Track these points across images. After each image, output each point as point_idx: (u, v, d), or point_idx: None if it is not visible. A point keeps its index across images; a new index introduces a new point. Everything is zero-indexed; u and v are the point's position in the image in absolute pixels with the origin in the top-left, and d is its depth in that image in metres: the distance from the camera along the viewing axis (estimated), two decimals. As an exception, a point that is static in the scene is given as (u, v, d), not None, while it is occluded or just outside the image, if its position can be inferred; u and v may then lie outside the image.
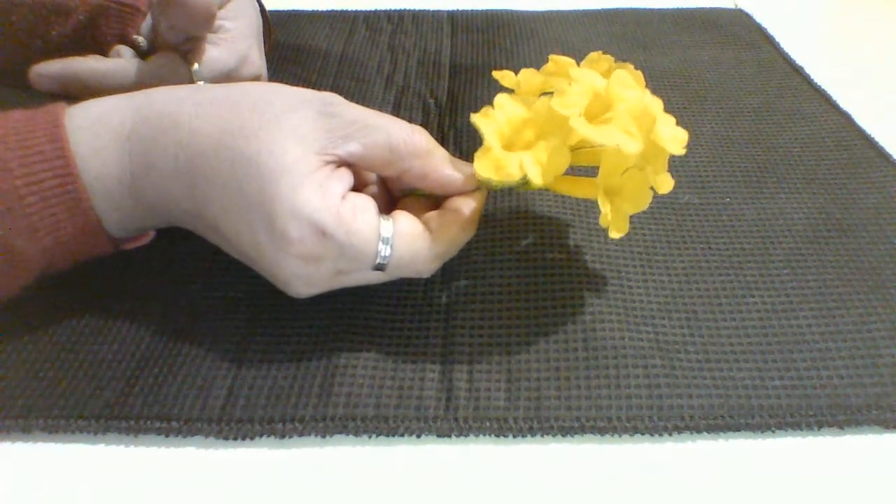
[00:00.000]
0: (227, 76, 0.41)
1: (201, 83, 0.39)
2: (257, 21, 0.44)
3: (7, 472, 0.26)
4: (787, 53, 0.53)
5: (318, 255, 0.26)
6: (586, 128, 0.27)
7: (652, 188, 0.29)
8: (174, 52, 0.39)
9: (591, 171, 0.31)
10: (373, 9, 0.60)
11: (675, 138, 0.29)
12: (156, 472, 0.26)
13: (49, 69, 0.39)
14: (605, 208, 0.28)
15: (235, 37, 0.41)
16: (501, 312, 0.32)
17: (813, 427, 0.27)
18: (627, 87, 0.29)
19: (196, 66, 0.39)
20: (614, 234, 0.28)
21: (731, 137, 0.44)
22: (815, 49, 0.55)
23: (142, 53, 0.42)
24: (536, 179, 0.27)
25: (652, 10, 0.60)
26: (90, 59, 0.40)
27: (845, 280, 0.33)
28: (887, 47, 0.56)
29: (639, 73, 0.30)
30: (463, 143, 0.43)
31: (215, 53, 0.40)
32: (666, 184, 0.30)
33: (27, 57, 0.42)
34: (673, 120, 0.30)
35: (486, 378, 0.29)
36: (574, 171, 0.30)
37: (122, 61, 0.40)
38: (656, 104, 0.29)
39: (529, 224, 0.36)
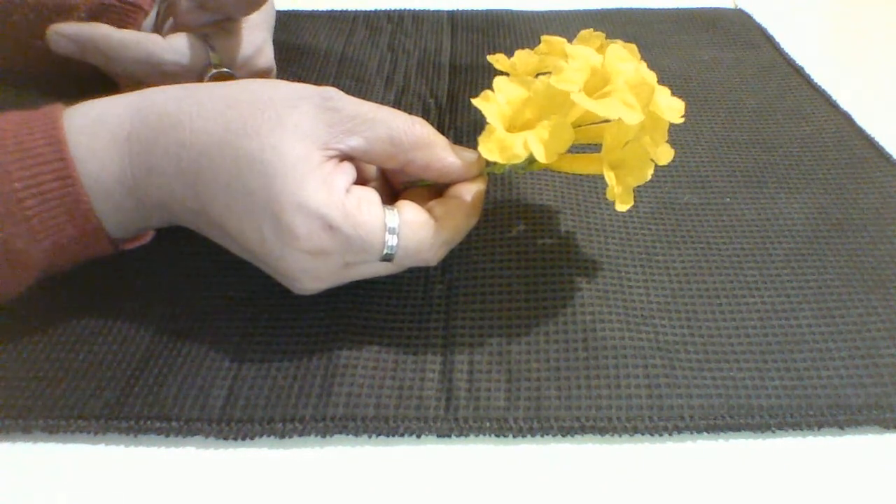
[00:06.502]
0: (243, 65, 0.41)
1: (214, 70, 0.40)
2: (273, 14, 0.45)
3: (7, 472, 0.26)
4: (787, 53, 0.53)
5: (325, 249, 0.27)
6: (588, 102, 0.27)
7: (653, 160, 0.30)
8: (193, 35, 0.39)
9: (588, 150, 0.31)
10: (373, 9, 0.60)
11: (672, 108, 0.30)
12: (156, 472, 0.26)
13: (67, 29, 0.39)
14: (611, 181, 0.28)
15: (251, 27, 0.42)
16: (501, 313, 0.32)
17: (813, 427, 0.27)
18: (623, 60, 0.29)
19: (212, 51, 0.39)
20: (621, 207, 0.29)
21: (731, 137, 0.44)
22: (815, 49, 0.55)
23: None
24: (541, 157, 0.28)
25: (652, 10, 0.60)
26: (108, 27, 0.39)
27: (845, 280, 0.33)
28: (887, 47, 0.56)
29: (632, 45, 0.30)
30: (463, 142, 0.43)
31: (233, 41, 0.40)
32: (666, 155, 0.30)
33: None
34: (668, 91, 0.30)
35: (486, 378, 0.29)
36: (572, 149, 0.30)
37: (140, 34, 0.39)
38: (651, 76, 0.29)
39: (529, 224, 0.36)
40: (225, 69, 0.40)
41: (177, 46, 0.39)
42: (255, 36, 0.42)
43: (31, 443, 0.27)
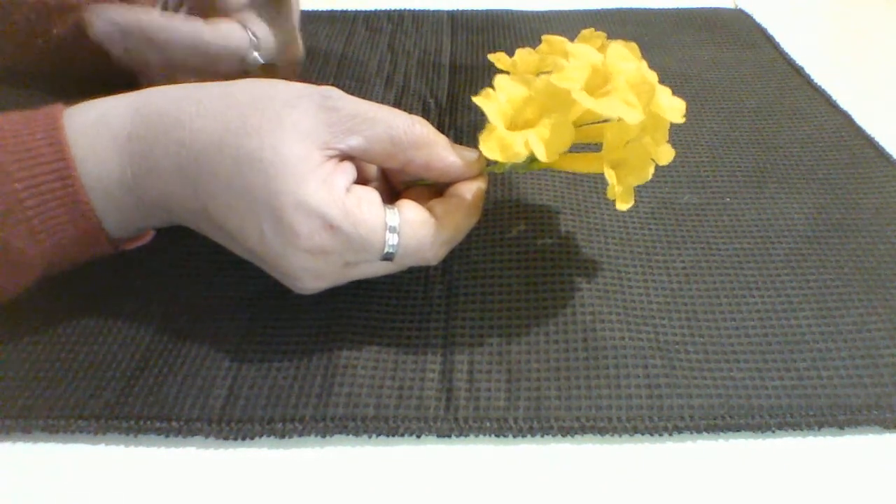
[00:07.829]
0: (280, 52, 0.41)
1: (255, 54, 0.39)
2: (299, 8, 0.45)
3: (7, 472, 0.26)
4: (787, 53, 0.53)
5: (326, 249, 0.27)
6: (589, 100, 0.27)
7: (654, 160, 0.30)
8: (233, 20, 0.39)
9: (589, 149, 0.31)
10: (373, 9, 0.60)
11: (674, 107, 0.29)
12: (156, 472, 0.26)
13: (113, 13, 0.38)
14: (612, 181, 0.28)
15: (286, 14, 0.41)
16: (501, 313, 0.32)
17: (813, 427, 0.27)
18: (624, 59, 0.29)
19: (253, 37, 0.39)
20: (621, 206, 0.29)
21: (731, 137, 0.44)
22: (815, 49, 0.55)
23: None
24: (542, 156, 0.27)
25: (652, 10, 0.60)
26: (153, 10, 0.39)
27: (845, 280, 0.33)
28: (887, 47, 0.56)
29: (633, 45, 0.30)
30: (464, 142, 0.43)
31: (273, 26, 0.40)
32: (667, 154, 0.30)
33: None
34: (669, 91, 0.30)
35: (486, 378, 0.29)
36: (573, 148, 0.30)
37: (182, 22, 0.39)
38: (653, 76, 0.29)
39: (530, 224, 0.36)
40: (262, 56, 0.40)
41: (222, 31, 0.39)
42: (289, 23, 0.41)
43: (31, 443, 0.27)
